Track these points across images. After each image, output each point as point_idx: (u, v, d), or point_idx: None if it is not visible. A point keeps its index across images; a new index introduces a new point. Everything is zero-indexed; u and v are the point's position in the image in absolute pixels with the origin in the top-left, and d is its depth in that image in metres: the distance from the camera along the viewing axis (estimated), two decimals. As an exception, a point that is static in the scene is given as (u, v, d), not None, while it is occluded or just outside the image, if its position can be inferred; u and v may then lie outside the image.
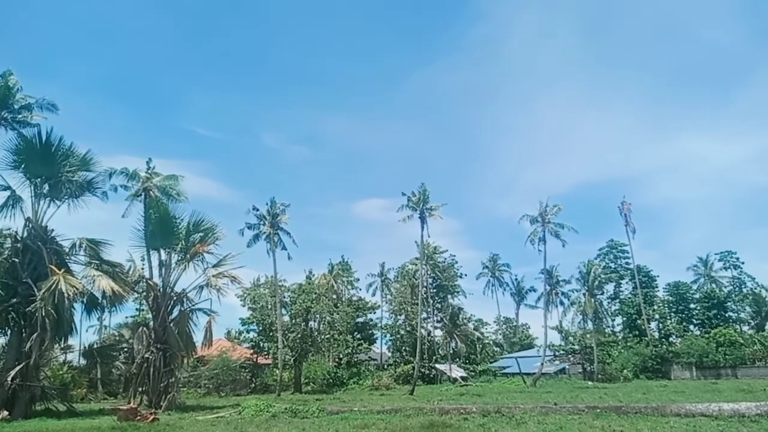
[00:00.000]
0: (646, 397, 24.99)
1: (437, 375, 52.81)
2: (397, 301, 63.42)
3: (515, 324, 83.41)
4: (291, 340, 42.94)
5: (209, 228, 27.44)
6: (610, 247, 66.26)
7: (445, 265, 65.19)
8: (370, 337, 65.06)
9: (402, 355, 58.62)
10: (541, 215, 46.54)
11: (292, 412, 19.27)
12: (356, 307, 61.02)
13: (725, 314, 58.83)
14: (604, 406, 17.10)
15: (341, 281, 67.98)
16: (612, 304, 65.37)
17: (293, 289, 48.42)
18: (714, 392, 26.89)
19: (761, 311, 60.69)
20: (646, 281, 61.77)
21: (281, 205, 42.95)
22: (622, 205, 59.80)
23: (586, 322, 61.56)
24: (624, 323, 62.24)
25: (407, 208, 42.03)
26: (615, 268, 64.97)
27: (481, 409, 17.45)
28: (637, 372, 48.05)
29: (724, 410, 14.53)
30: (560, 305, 69.81)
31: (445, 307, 60.51)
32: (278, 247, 42.29)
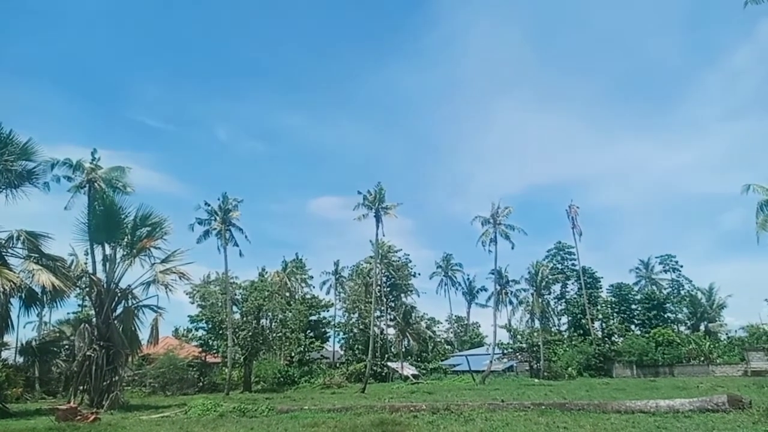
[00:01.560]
0: (589, 394, 25.85)
1: (389, 373, 53.04)
2: (351, 299, 63.35)
3: (466, 323, 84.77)
4: (241, 339, 42.22)
5: (157, 222, 26.62)
6: (558, 249, 68.23)
7: (399, 264, 65.54)
8: (323, 335, 64.75)
9: (354, 354, 58.59)
10: (492, 216, 47.41)
11: (241, 411, 18.97)
12: (310, 305, 60.59)
13: (664, 315, 61.59)
14: (549, 403, 17.59)
15: (295, 279, 67.44)
16: (558, 303, 67.40)
17: (245, 287, 47.65)
18: (652, 390, 28.06)
19: (697, 312, 63.90)
20: (591, 282, 63.94)
21: (234, 201, 42.15)
22: (569, 208, 61.81)
23: (533, 321, 63.36)
24: (569, 322, 64.23)
25: (363, 206, 41.96)
26: (562, 269, 66.94)
27: (430, 406, 17.64)
28: (581, 370, 49.69)
29: (661, 407, 15.19)
30: (510, 304, 71.80)
31: (399, 305, 60.88)
32: (230, 244, 41.50)
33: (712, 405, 14.67)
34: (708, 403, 14.85)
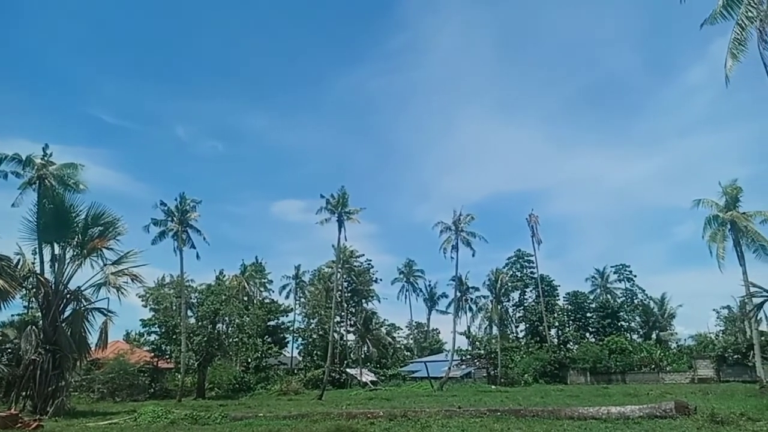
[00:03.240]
0: (544, 400, 26.26)
1: (347, 379, 52.72)
2: (311, 304, 62.86)
3: (426, 329, 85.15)
4: (196, 344, 41.18)
5: (110, 222, 25.73)
6: (518, 257, 69.37)
7: (361, 269, 65.43)
8: (282, 340, 64.00)
9: (313, 360, 58.06)
10: (454, 223, 47.93)
11: (193, 418, 18.46)
12: (268, 309, 59.76)
13: (618, 323, 63.28)
14: (504, 409, 17.74)
15: (254, 283, 66.39)
16: (517, 311, 68.48)
17: (201, 290, 46.64)
18: (605, 396, 28.71)
19: (649, 321, 65.97)
20: (549, 290, 65.22)
21: (192, 202, 41.26)
22: (530, 217, 63.06)
23: (492, 328, 64.13)
24: (527, 329, 65.32)
25: (326, 210, 41.77)
26: (521, 276, 68.06)
27: (388, 413, 17.55)
28: (537, 376, 50.48)
29: (612, 413, 15.53)
30: (470, 311, 72.56)
31: (359, 311, 60.69)
32: (186, 246, 40.58)
33: (660, 411, 15.07)
34: (656, 410, 15.25)
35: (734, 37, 15.56)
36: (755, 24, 15.13)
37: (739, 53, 15.58)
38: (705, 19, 16.23)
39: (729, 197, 36.51)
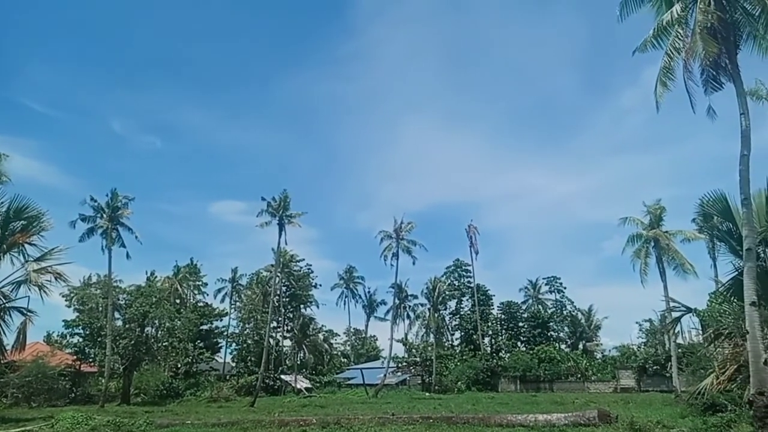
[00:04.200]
0: (475, 408, 26.80)
1: (282, 386, 51.82)
2: (247, 308, 61.50)
3: (364, 335, 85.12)
4: (122, 347, 39.33)
5: (34, 216, 24.24)
6: (456, 266, 70.62)
7: (300, 274, 64.71)
8: (214, 345, 62.26)
9: (247, 366, 56.75)
10: (395, 231, 48.33)
11: (115, 425, 17.61)
12: (201, 313, 58.06)
13: (548, 333, 65.53)
14: (436, 416, 17.97)
15: (187, 285, 64.45)
16: (453, 319, 69.61)
17: (130, 291, 44.76)
18: (533, 404, 29.63)
19: (576, 332, 68.67)
20: (484, 299, 66.75)
21: (124, 198, 39.63)
22: (468, 228, 64.44)
23: (429, 335, 64.88)
24: (462, 337, 66.51)
25: (266, 213, 41.17)
26: (459, 285, 69.29)
27: (321, 420, 17.40)
28: (469, 384, 51.43)
29: (539, 420, 16.06)
30: (407, 318, 73.17)
31: (297, 316, 59.93)
32: (116, 244, 38.87)
33: (584, 419, 15.71)
34: (581, 418, 15.88)
35: (663, 65, 16.51)
36: (681, 55, 16.14)
37: (667, 81, 16.52)
38: (637, 47, 17.17)
39: (653, 216, 38.70)
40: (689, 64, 15.96)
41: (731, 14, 15.65)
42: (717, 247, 29.50)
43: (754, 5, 15.35)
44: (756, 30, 15.72)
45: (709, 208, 17.96)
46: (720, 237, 18.54)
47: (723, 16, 15.12)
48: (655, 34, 16.69)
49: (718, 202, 17.27)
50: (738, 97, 15.41)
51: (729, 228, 17.27)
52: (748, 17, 15.77)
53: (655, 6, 16.99)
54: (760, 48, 15.90)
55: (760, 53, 15.97)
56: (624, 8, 16.89)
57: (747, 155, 14.94)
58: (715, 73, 16.06)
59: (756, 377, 13.28)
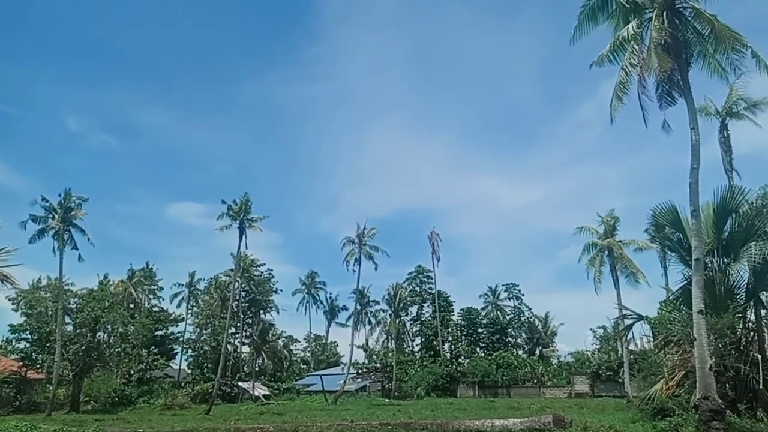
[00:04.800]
0: (434, 413, 26.88)
1: (239, 393, 50.84)
2: (205, 314, 60.29)
3: (325, 341, 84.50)
4: (72, 353, 37.86)
5: (-22, 216, 23.16)
6: (418, 272, 70.93)
7: (261, 279, 63.83)
8: (170, 351, 60.71)
9: (203, 372, 55.51)
10: (358, 237, 48.22)
11: (62, 435, 16.90)
12: (156, 318, 56.48)
13: (506, 339, 66.46)
14: (395, 422, 17.95)
15: (142, 289, 62.71)
16: (414, 325, 69.81)
17: (82, 295, 43.23)
18: (490, 409, 29.96)
19: (533, 338, 69.90)
20: (445, 306, 67.22)
21: (77, 199, 38.30)
22: (431, 234, 64.90)
23: (389, 341, 64.93)
24: (422, 343, 66.77)
25: (227, 216, 40.43)
26: (420, 292, 69.58)
27: (278, 428, 17.15)
28: (429, 390, 51.63)
29: (496, 426, 16.24)
30: (368, 324, 72.99)
31: (256, 322, 59.06)
32: (68, 246, 37.53)
33: (539, 425, 15.97)
34: (536, 423, 16.14)
35: (619, 79, 17.08)
36: (636, 70, 16.73)
37: (622, 95, 17.10)
38: (594, 61, 17.70)
39: (607, 226, 39.87)
40: (644, 79, 16.55)
41: (683, 33, 16.35)
42: (668, 257, 30.58)
43: (704, 25, 16.07)
44: (706, 49, 16.48)
45: (660, 218, 18.67)
46: (671, 247, 19.22)
47: (676, 34, 15.78)
48: (611, 49, 17.27)
49: (669, 213, 17.97)
50: (689, 112, 16.08)
51: (679, 238, 17.95)
52: (699, 37, 16.52)
53: (613, 22, 17.58)
54: (710, 67, 16.69)
55: (710, 72, 16.76)
56: (577, 31, 17.41)
57: (697, 168, 15.58)
58: (669, 88, 16.73)
59: (702, 382, 13.80)
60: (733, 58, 16.05)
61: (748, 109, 27.91)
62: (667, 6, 15.77)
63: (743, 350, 16.33)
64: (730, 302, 16.51)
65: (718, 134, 28.63)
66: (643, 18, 16.85)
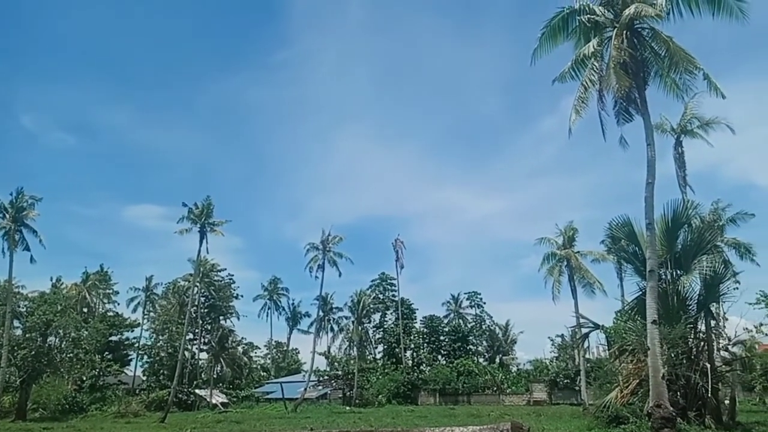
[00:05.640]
0: (395, 421, 26.92)
1: (196, 401, 49.69)
2: (162, 319, 58.79)
3: (286, 348, 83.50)
4: (20, 358, 36.30)
5: None
6: (381, 280, 70.97)
7: (221, 284, 62.71)
8: (124, 358, 58.95)
9: (159, 379, 54.06)
10: (322, 243, 47.97)
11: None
12: (111, 323, 54.90)
13: (467, 347, 67.04)
14: (356, 430, 17.86)
15: (96, 293, 60.74)
16: (377, 332, 69.79)
17: (33, 298, 41.54)
18: (451, 417, 30.15)
19: (494, 346, 70.82)
20: (408, 313, 67.41)
21: (30, 198, 37.00)
22: (395, 242, 65.05)
23: (352, 348, 64.68)
24: (384, 351, 66.73)
25: (187, 220, 39.63)
26: (383, 299, 69.63)
27: (236, 436, 16.81)
28: (390, 397, 51.60)
29: (456, 433, 16.30)
30: (331, 331, 72.59)
31: (216, 328, 57.94)
32: (19, 247, 36.08)
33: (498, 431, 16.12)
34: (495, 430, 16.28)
35: (579, 95, 17.59)
36: (596, 87, 17.27)
37: (582, 110, 17.61)
38: (556, 77, 18.19)
39: (566, 237, 40.84)
40: (603, 96, 17.12)
41: (641, 52, 16.98)
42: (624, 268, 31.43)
43: (661, 46, 16.73)
44: (662, 69, 17.14)
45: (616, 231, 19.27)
46: (626, 258, 19.80)
47: (634, 54, 16.37)
48: (573, 66, 17.79)
49: (625, 225, 18.55)
50: (646, 129, 16.68)
51: (634, 250, 18.54)
52: (656, 56, 17.18)
53: (574, 40, 18.12)
54: (666, 86, 17.35)
55: (666, 90, 17.43)
56: (537, 51, 17.87)
57: (652, 183, 16.15)
58: (626, 105, 17.34)
59: (655, 391, 14.24)
60: (687, 79, 16.76)
61: (701, 127, 29.12)
62: (627, 26, 16.34)
63: (694, 359, 16.93)
64: (682, 313, 17.09)
65: (673, 151, 29.73)
66: (603, 36, 17.41)
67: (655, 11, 15.68)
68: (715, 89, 16.74)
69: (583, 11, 17.36)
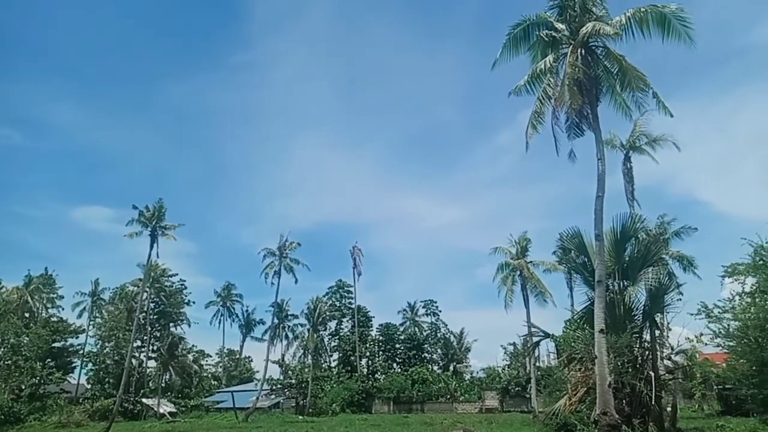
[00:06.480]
0: (348, 430, 26.75)
1: (143, 410, 48.02)
2: (109, 325, 56.68)
3: (239, 356, 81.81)
4: (-47, 366, 34.32)
5: None
6: (338, 287, 70.60)
7: (172, 290, 61.06)
8: (68, 365, 56.45)
9: (104, 388, 52.09)
10: (279, 249, 47.32)
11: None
12: (54, 329, 52.54)
13: (422, 354, 67.39)
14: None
15: (39, 298, 58.05)
16: (332, 340, 69.29)
17: (-31, 303, 39.30)
18: (404, 425, 30.15)
19: (448, 353, 71.33)
20: (364, 321, 67.25)
21: (-31, 198, 34.98)
22: (353, 249, 64.85)
23: (306, 356, 63.92)
24: (340, 359, 66.33)
25: (138, 223, 38.31)
26: (340, 306, 69.23)
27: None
28: (344, 406, 51.18)
29: (409, 441, 16.31)
30: (286, 339, 71.52)
31: (165, 335, 56.20)
32: (-45, 249, 34.08)
33: (450, 440, 16.24)
34: (448, 438, 16.40)
35: (535, 109, 18.05)
36: (551, 102, 17.75)
37: (538, 124, 18.08)
38: (512, 90, 18.59)
39: (520, 247, 41.65)
40: (557, 111, 17.61)
41: (595, 69, 17.56)
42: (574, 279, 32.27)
43: (613, 64, 17.37)
44: (614, 86, 17.77)
45: (567, 242, 19.78)
46: (576, 269, 20.30)
47: (588, 71, 16.90)
48: (529, 80, 18.23)
49: (575, 237, 19.07)
50: (597, 144, 17.24)
51: (584, 261, 19.05)
52: (608, 74, 17.81)
53: (532, 54, 18.59)
54: (617, 103, 18.00)
55: (616, 107, 18.07)
56: (501, 57, 18.26)
57: (602, 196, 16.69)
58: (579, 121, 17.88)
59: (602, 398, 14.64)
60: (638, 96, 17.42)
61: (649, 144, 30.31)
62: (582, 43, 16.87)
63: (639, 368, 17.46)
64: (628, 322, 17.63)
65: (622, 166, 30.81)
66: (559, 53, 17.92)
67: (613, 30, 16.26)
68: (663, 107, 17.47)
69: (543, 25, 17.85)
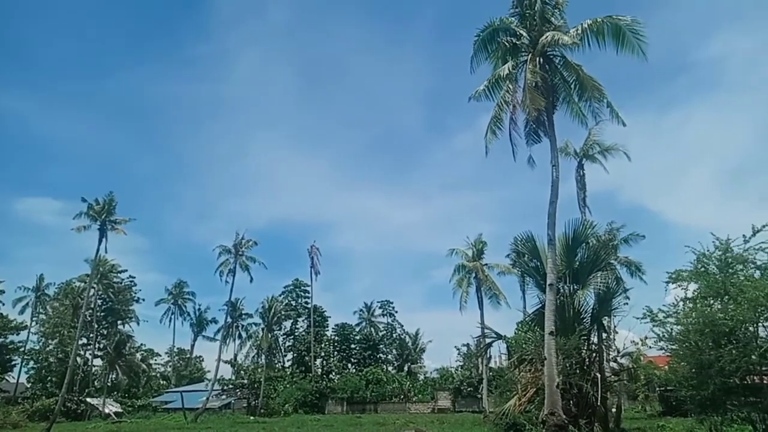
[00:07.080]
0: (300, 430, 26.50)
1: (87, 410, 46.31)
2: (53, 322, 54.52)
3: (189, 356, 79.94)
4: None
5: None
6: (295, 286, 69.92)
7: (121, 286, 59.17)
8: (7, 363, 53.89)
9: (46, 387, 50.04)
10: (235, 247, 46.51)
11: None
12: (-7, 325, 49.95)
13: (377, 355, 67.51)
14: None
15: (-23, 292, 55.14)
16: (287, 340, 68.59)
17: None
18: (357, 426, 30.10)
19: (403, 354, 71.74)
20: (320, 321, 66.82)
21: None
22: (311, 248, 64.24)
23: (260, 356, 63.01)
24: (294, 359, 65.70)
25: (86, 216, 36.85)
26: (295, 306, 68.58)
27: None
28: (297, 406, 50.70)
29: (361, 442, 16.29)
30: (239, 338, 70.29)
31: (113, 333, 54.52)
32: None
33: (402, 440, 16.32)
34: (399, 439, 16.47)
35: (494, 115, 18.37)
36: (510, 108, 18.09)
37: (497, 129, 18.41)
38: (472, 95, 18.85)
39: (476, 249, 42.26)
40: (515, 117, 17.96)
41: (552, 78, 18.00)
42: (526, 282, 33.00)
43: (570, 73, 17.84)
44: (570, 95, 18.28)
45: (521, 246, 20.22)
46: (528, 272, 20.75)
47: (546, 79, 17.32)
48: (489, 86, 18.52)
49: (528, 241, 19.51)
50: (552, 151, 17.67)
51: (536, 265, 19.49)
52: (565, 83, 18.30)
53: (493, 61, 18.88)
54: (572, 111, 18.53)
55: (572, 116, 18.60)
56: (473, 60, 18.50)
57: (555, 202, 17.12)
58: (536, 127, 18.31)
59: (550, 399, 15.00)
60: (595, 106, 17.96)
61: (601, 153, 31.25)
62: (541, 51, 17.26)
63: (586, 370, 17.99)
64: (577, 325, 18.14)
65: (575, 173, 31.67)
66: (518, 60, 18.28)
67: (571, 40, 16.67)
68: (616, 117, 18.04)
69: (507, 31, 18.13)
